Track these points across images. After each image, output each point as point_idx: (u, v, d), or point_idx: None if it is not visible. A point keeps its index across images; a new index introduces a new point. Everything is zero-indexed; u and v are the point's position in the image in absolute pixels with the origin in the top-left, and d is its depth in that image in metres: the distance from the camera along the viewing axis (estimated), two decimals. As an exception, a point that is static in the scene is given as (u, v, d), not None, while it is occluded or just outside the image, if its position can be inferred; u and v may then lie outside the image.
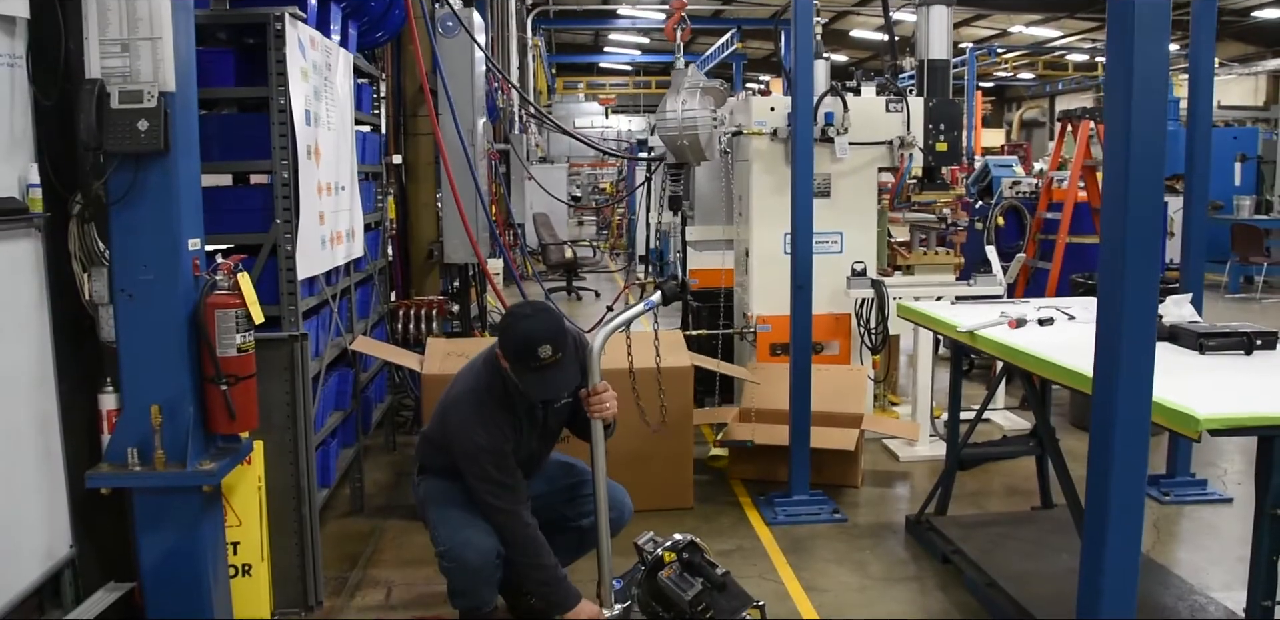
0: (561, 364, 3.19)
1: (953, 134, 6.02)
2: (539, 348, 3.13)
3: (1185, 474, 5.11)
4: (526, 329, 3.19)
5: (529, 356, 3.15)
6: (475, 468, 3.31)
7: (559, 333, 3.20)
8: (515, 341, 3.20)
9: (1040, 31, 24.45)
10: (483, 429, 3.29)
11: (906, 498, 5.19)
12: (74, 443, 3.14)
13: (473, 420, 3.31)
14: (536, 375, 3.19)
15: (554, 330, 3.19)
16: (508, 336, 3.25)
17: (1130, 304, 2.45)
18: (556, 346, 3.15)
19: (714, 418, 5.79)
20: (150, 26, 2.91)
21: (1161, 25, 2.41)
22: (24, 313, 2.93)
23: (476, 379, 3.42)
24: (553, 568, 3.33)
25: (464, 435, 3.31)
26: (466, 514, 3.39)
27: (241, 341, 3.12)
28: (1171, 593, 3.77)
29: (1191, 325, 3.65)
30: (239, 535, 3.54)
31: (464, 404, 3.37)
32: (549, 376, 3.20)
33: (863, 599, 3.97)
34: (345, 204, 4.49)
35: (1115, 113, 2.48)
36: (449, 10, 6.29)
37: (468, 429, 3.30)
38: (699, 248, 7.04)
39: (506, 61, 13.08)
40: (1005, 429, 6.22)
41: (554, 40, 25.87)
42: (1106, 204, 2.56)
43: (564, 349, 3.18)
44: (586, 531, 3.56)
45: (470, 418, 3.32)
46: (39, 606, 3.08)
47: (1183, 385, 2.90)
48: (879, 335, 5.85)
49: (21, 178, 2.87)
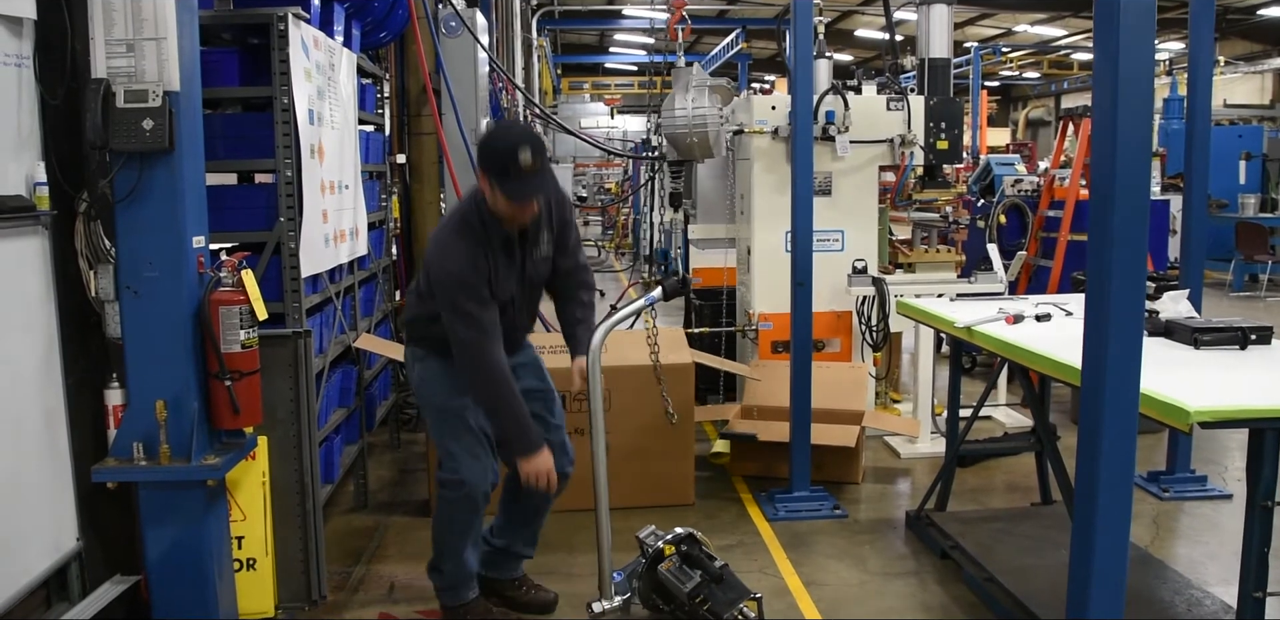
0: (541, 171, 3.24)
1: (953, 132, 6.05)
2: (520, 152, 3.18)
3: (1185, 470, 5.13)
4: (506, 137, 3.29)
5: (511, 161, 3.19)
6: (447, 298, 3.34)
7: (538, 140, 3.27)
8: (496, 149, 3.26)
9: (1045, 30, 24.46)
10: (455, 255, 3.33)
11: (907, 494, 5.22)
12: (80, 437, 3.18)
13: (448, 248, 3.36)
14: (518, 182, 3.23)
15: (533, 137, 3.28)
16: (488, 147, 3.32)
17: (1117, 295, 2.47)
18: (535, 151, 3.21)
19: (716, 414, 5.82)
20: (155, 26, 2.95)
21: (1147, 24, 2.43)
22: (31, 309, 2.97)
23: (454, 213, 3.50)
24: (520, 409, 3.37)
25: (438, 264, 3.36)
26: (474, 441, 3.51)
27: (245, 338, 3.16)
28: (1169, 587, 3.79)
29: (1187, 320, 3.68)
30: (243, 530, 3.58)
31: (440, 234, 3.45)
32: (530, 181, 3.24)
33: (861, 594, 4.00)
34: (349, 202, 4.53)
35: (1102, 111, 2.50)
36: (452, 10, 6.33)
37: (442, 257, 3.36)
38: (701, 246, 7.08)
39: (511, 62, 13.11)
40: (1007, 426, 6.24)
41: (559, 40, 25.90)
42: (1094, 199, 2.59)
43: (542, 157, 3.24)
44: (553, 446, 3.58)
45: (445, 246, 3.37)
46: (46, 599, 3.12)
47: (1176, 379, 2.93)
48: (880, 333, 5.87)
49: (28, 176, 2.91)
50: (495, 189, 3.27)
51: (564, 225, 3.58)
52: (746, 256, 6.27)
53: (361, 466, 4.94)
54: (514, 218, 3.35)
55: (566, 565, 4.21)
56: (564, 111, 27.06)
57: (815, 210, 4.83)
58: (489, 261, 3.37)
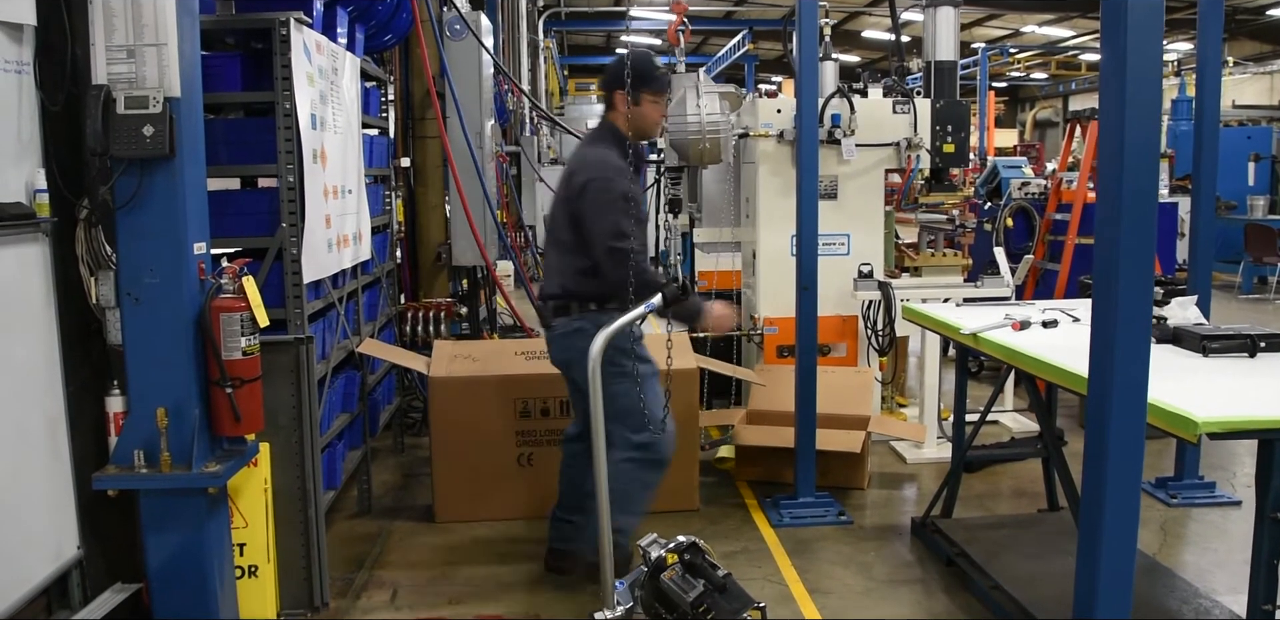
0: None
1: (960, 135, 6.03)
2: (655, 61, 3.94)
3: (1194, 476, 5.10)
4: (639, 54, 3.87)
5: (653, 68, 3.91)
6: (608, 220, 3.70)
7: None
8: (639, 62, 3.82)
9: (1053, 31, 24.39)
10: (619, 173, 3.79)
11: (913, 500, 5.19)
12: (81, 444, 3.17)
13: (613, 166, 3.81)
14: (662, 81, 3.95)
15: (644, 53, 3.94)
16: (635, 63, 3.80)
17: (1124, 302, 2.44)
18: None
19: (720, 419, 5.80)
20: (155, 32, 2.94)
21: (1154, 24, 2.41)
22: (32, 316, 2.96)
23: (598, 146, 3.95)
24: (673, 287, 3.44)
25: (600, 175, 3.78)
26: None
27: (246, 345, 3.15)
28: (1176, 596, 3.76)
29: (1196, 327, 3.65)
30: (245, 536, 3.57)
31: (600, 154, 3.89)
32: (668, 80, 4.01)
33: (866, 601, 3.98)
34: (352, 207, 4.51)
35: (1110, 113, 2.48)
36: (456, 14, 6.32)
37: (602, 168, 3.80)
38: (706, 249, 7.05)
39: (517, 63, 13.10)
40: (1014, 431, 6.20)
41: (566, 42, 25.91)
42: (1100, 205, 2.56)
43: None
44: None
45: (609, 163, 3.83)
46: (47, 606, 3.11)
47: (1183, 388, 2.90)
48: (886, 337, 5.84)
49: (29, 183, 2.90)
50: (646, 96, 3.87)
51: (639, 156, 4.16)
52: (752, 260, 6.25)
53: (365, 472, 4.93)
54: (657, 122, 3.99)
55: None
56: (570, 113, 27.03)
57: (821, 214, 4.80)
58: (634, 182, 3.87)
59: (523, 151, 11.88)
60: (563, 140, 19.79)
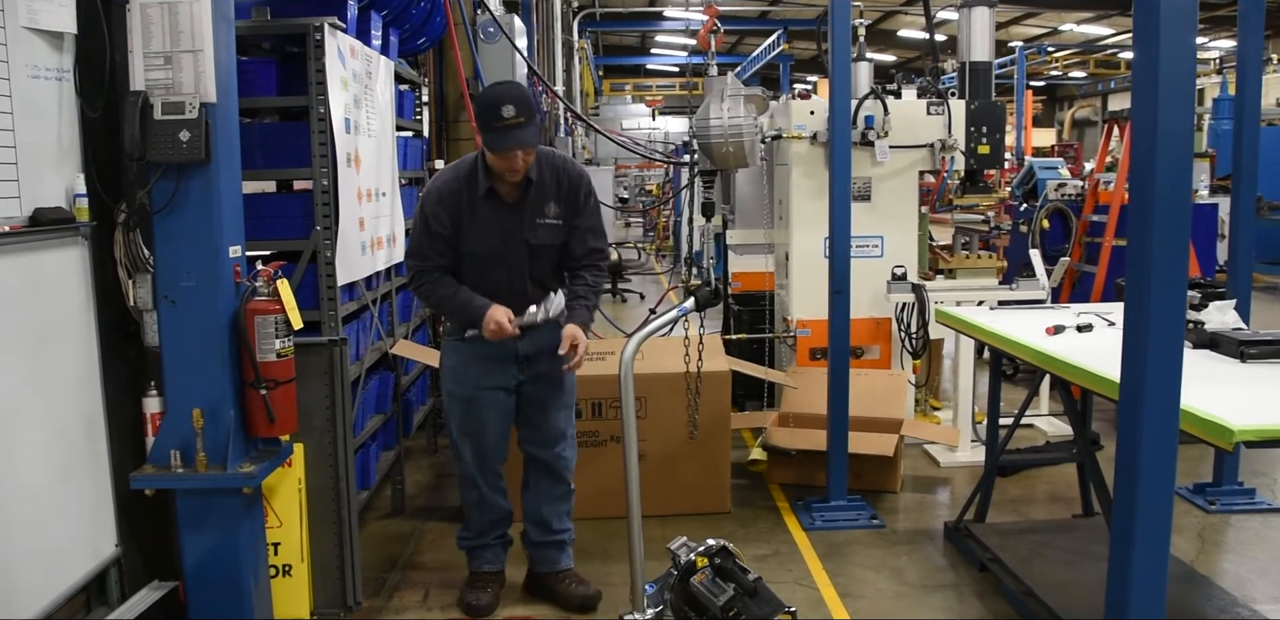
0: (523, 126, 3.48)
1: (995, 137, 5.98)
2: (502, 107, 3.45)
3: (1233, 482, 5.02)
4: (493, 93, 3.57)
5: (494, 116, 3.47)
6: (415, 227, 3.75)
7: (524, 98, 3.52)
8: (483, 103, 3.56)
9: (1091, 29, 24.13)
10: (431, 194, 3.70)
11: (946, 504, 5.15)
12: (119, 445, 3.23)
13: (433, 185, 3.73)
14: (498, 133, 3.48)
15: (519, 94, 3.53)
16: (478, 101, 3.67)
17: (1156, 307, 2.42)
18: (519, 109, 3.46)
19: (753, 422, 5.79)
20: (192, 39, 2.99)
21: (1188, 22, 2.38)
22: (72, 318, 3.01)
23: (468, 156, 3.80)
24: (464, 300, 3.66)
25: (422, 196, 3.77)
26: None
27: (281, 347, 3.19)
28: (1214, 605, 3.70)
29: (1234, 332, 3.59)
30: (280, 536, 3.61)
31: (442, 171, 3.82)
32: (509, 134, 3.48)
33: (898, 606, 3.95)
34: (386, 210, 4.55)
35: (1142, 112, 2.45)
36: (489, 17, 6.35)
37: (427, 190, 3.75)
38: (740, 251, 7.04)
39: (552, 64, 13.14)
40: (1049, 434, 6.14)
41: (601, 42, 25.96)
42: (1133, 207, 2.53)
43: (527, 114, 3.49)
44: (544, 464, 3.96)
45: (434, 182, 3.75)
46: (86, 604, 3.17)
47: (1220, 394, 2.86)
48: (920, 340, 5.81)
49: (69, 188, 2.95)
50: (483, 140, 3.58)
51: (576, 206, 3.78)
52: (785, 262, 6.23)
53: (398, 472, 4.96)
54: (501, 170, 3.59)
55: (602, 574, 4.19)
56: (605, 113, 27.12)
57: (854, 216, 4.79)
58: (463, 203, 3.66)
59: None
60: (597, 141, 19.88)
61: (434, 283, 3.70)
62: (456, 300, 3.68)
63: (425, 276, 3.71)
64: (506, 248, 3.70)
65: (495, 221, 3.67)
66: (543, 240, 3.74)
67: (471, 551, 4.04)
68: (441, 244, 3.67)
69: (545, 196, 3.72)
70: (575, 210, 3.77)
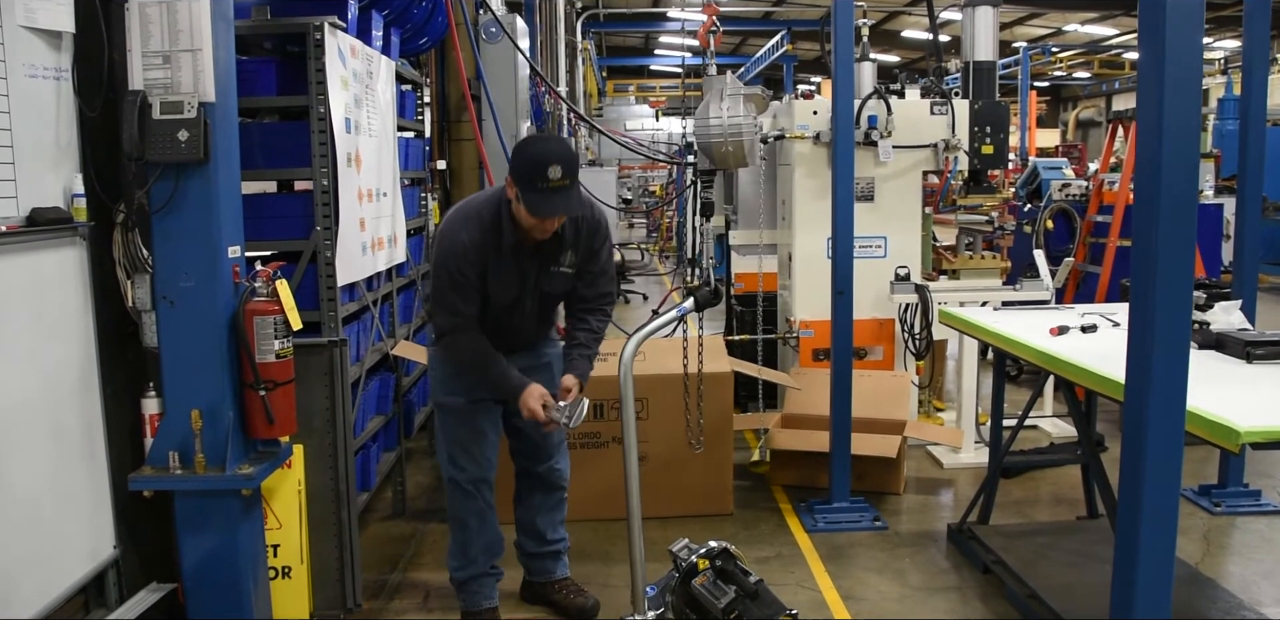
0: (568, 190, 3.25)
1: (999, 137, 5.96)
2: (549, 168, 3.19)
3: (1238, 484, 5.00)
4: (540, 150, 3.28)
5: (539, 176, 3.20)
6: (437, 286, 3.44)
7: (571, 159, 3.26)
8: (527, 159, 3.26)
9: (1096, 29, 24.08)
10: (457, 241, 3.37)
11: (949, 505, 5.12)
12: (118, 446, 3.21)
13: (454, 234, 3.40)
14: (541, 195, 3.23)
15: (567, 155, 3.26)
16: (521, 155, 3.31)
17: (1161, 307, 2.40)
18: (566, 170, 3.21)
19: (755, 423, 5.77)
20: (191, 38, 2.97)
21: (1195, 19, 2.35)
22: (70, 319, 3.00)
23: (472, 202, 3.52)
24: (498, 371, 3.47)
25: (441, 241, 3.43)
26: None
27: (280, 348, 3.17)
28: (1219, 607, 3.68)
29: (1240, 333, 3.57)
30: (279, 538, 3.60)
31: (456, 222, 3.44)
32: (554, 198, 3.25)
33: (901, 609, 3.93)
34: (387, 210, 4.53)
35: (1148, 111, 2.43)
36: (491, 16, 6.34)
37: (446, 234, 3.42)
38: (743, 252, 7.02)
39: (555, 65, 13.12)
40: (1053, 436, 6.12)
41: (604, 43, 25.93)
42: (1137, 207, 2.51)
43: (572, 176, 3.26)
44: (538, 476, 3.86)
45: (452, 231, 3.41)
46: (84, 605, 3.16)
47: (1225, 395, 2.84)
48: (923, 340, 5.78)
49: (67, 188, 2.93)
50: (519, 198, 3.28)
51: (591, 254, 3.59)
52: (788, 263, 6.21)
53: (399, 473, 4.95)
54: (533, 228, 3.36)
55: (602, 576, 4.18)
56: (609, 114, 27.12)
57: (857, 216, 4.77)
58: (489, 258, 3.41)
59: (560, 153, 11.89)
60: (600, 141, 19.86)
61: (472, 341, 3.47)
62: (492, 370, 3.48)
63: (462, 334, 3.47)
64: (522, 296, 3.54)
65: (516, 272, 3.48)
66: (556, 289, 3.61)
67: (464, 586, 3.78)
68: (471, 293, 3.44)
69: (563, 245, 3.52)
70: (591, 257, 3.60)
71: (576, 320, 3.69)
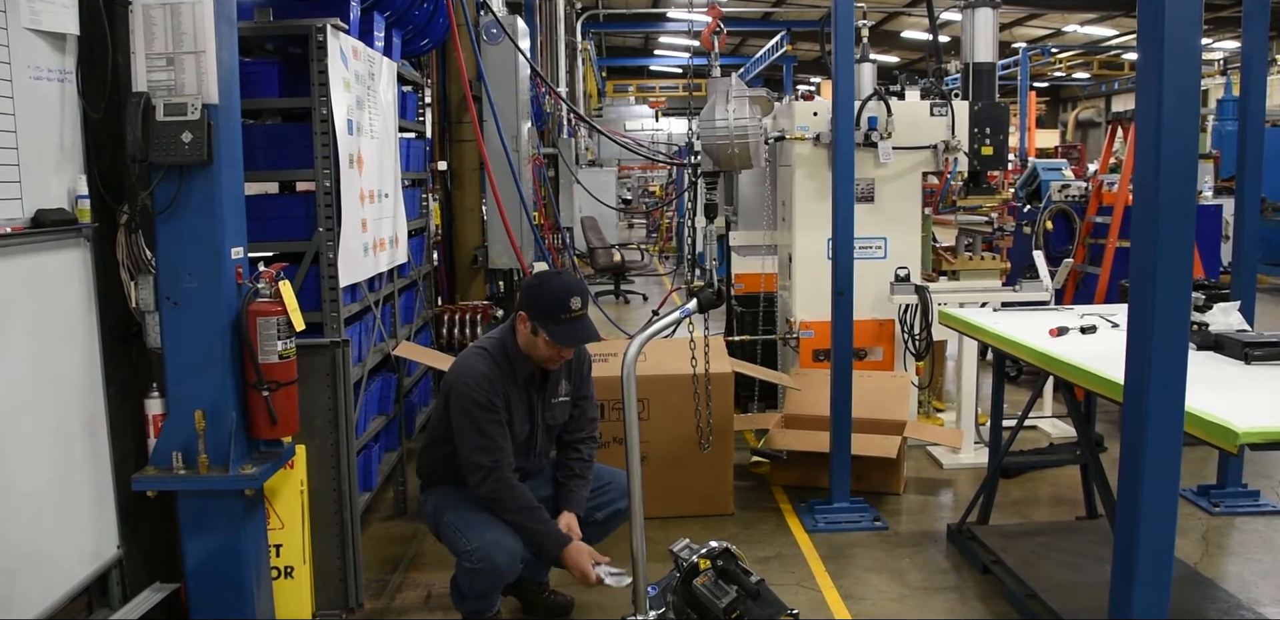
0: (586, 318, 3.49)
1: (998, 138, 5.97)
2: (571, 299, 3.42)
3: (1237, 484, 5.01)
4: (560, 284, 3.50)
5: (562, 308, 3.41)
6: (467, 423, 3.45)
7: (586, 290, 3.53)
8: (549, 295, 3.45)
9: (1095, 30, 24.11)
10: (480, 382, 3.46)
11: (949, 506, 5.14)
12: (121, 446, 3.22)
13: (475, 373, 3.48)
14: (567, 326, 3.43)
15: (582, 287, 3.53)
16: (541, 291, 3.49)
17: (1160, 308, 2.41)
18: (584, 302, 3.47)
19: (756, 423, 5.79)
20: (195, 40, 2.98)
21: (1194, 20, 2.37)
22: (73, 320, 3.01)
23: (487, 342, 3.64)
24: (543, 522, 3.47)
25: (461, 387, 3.47)
26: (488, 516, 3.48)
27: (283, 348, 3.18)
28: (1218, 607, 3.69)
29: (1238, 334, 3.58)
30: (281, 538, 3.61)
31: (470, 359, 3.55)
32: (578, 327, 3.46)
33: (900, 608, 3.94)
34: (388, 211, 4.55)
35: (1147, 111, 2.44)
36: (492, 18, 6.35)
37: (466, 380, 3.47)
38: (743, 253, 7.04)
39: (555, 66, 13.14)
40: (1052, 436, 6.13)
41: (604, 43, 25.96)
42: (1136, 208, 2.53)
43: (587, 305, 3.50)
44: (600, 524, 3.80)
45: (469, 371, 3.50)
46: (88, 605, 3.16)
47: (1224, 397, 2.85)
48: (923, 341, 5.80)
49: (71, 190, 2.94)
50: (539, 331, 3.44)
51: (582, 379, 3.77)
52: (788, 264, 6.23)
53: (401, 473, 4.96)
54: (550, 359, 3.52)
55: (603, 575, 4.19)
56: (609, 114, 27.13)
57: (857, 217, 4.78)
58: (508, 391, 3.52)
59: (560, 154, 11.93)
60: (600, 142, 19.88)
61: (513, 489, 3.46)
62: (534, 521, 3.45)
63: (504, 482, 3.45)
64: (532, 430, 3.63)
65: (526, 407, 3.60)
66: (558, 420, 3.71)
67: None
68: (503, 427, 3.48)
69: (561, 375, 3.68)
70: (582, 383, 3.75)
71: (569, 449, 3.77)
